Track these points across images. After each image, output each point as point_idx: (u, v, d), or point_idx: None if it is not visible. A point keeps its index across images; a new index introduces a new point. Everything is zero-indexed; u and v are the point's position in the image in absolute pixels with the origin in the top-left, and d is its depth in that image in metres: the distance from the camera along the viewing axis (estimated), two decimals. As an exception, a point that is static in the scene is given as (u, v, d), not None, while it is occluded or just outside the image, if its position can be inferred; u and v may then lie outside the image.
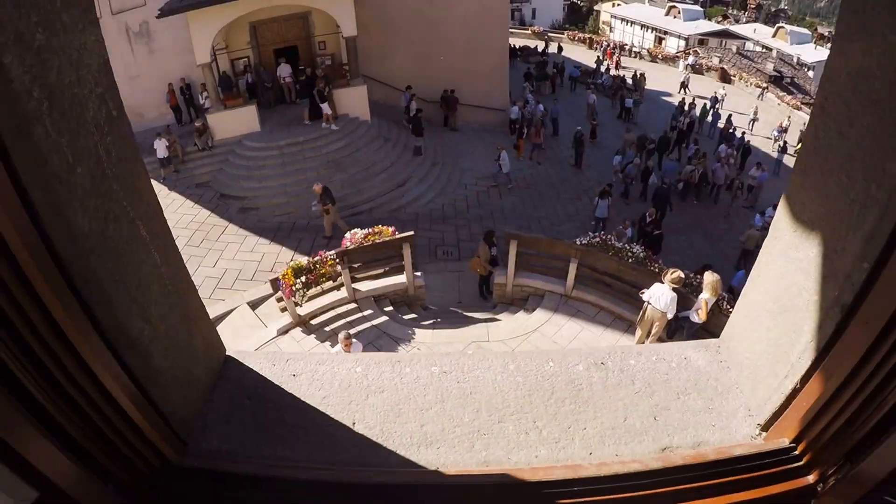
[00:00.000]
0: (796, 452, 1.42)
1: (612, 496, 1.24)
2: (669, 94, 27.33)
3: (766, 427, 1.59)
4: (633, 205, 15.99)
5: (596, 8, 54.00)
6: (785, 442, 1.45)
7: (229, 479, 1.31)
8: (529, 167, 18.11)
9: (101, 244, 1.11)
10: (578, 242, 9.65)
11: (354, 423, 1.49)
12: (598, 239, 9.88)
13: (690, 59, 33.30)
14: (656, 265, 8.99)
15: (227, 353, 1.73)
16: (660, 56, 35.79)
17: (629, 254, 9.25)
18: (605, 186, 14.71)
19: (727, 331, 1.82)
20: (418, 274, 9.92)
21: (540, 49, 32.89)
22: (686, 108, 22.58)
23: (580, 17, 55.29)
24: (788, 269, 1.43)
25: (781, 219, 1.45)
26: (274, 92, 16.98)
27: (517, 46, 31.12)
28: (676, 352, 1.82)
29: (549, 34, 38.66)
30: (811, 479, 1.40)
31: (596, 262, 9.41)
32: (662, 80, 29.47)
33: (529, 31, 39.16)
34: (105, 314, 1.12)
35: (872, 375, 1.18)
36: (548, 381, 1.62)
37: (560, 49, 33.90)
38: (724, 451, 1.43)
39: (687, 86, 28.12)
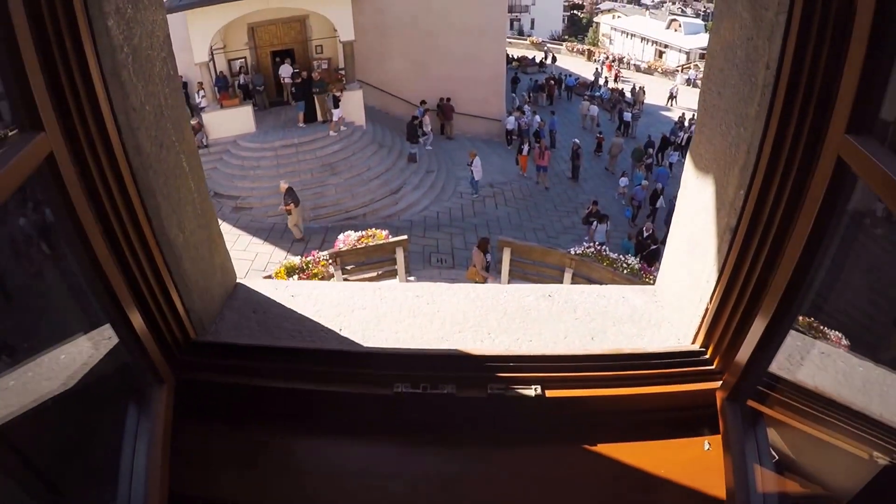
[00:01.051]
0: (707, 356, 1.76)
1: (542, 374, 1.63)
2: (668, 109, 28.02)
3: (690, 350, 1.96)
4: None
5: (596, 20, 55.07)
6: (696, 347, 1.81)
7: (240, 349, 1.72)
8: (526, 178, 18.57)
9: (156, 164, 1.52)
10: (573, 252, 10.04)
11: (341, 329, 1.88)
12: (592, 249, 10.29)
13: (691, 74, 34.10)
14: (651, 277, 9.37)
15: (238, 281, 2.13)
16: (659, 69, 36.63)
17: (624, 265, 9.64)
18: (591, 207, 14.88)
19: (659, 276, 2.22)
20: (412, 278, 10.25)
21: (538, 60, 33.63)
22: (686, 123, 23.17)
23: (580, 29, 56.34)
24: (696, 209, 1.84)
25: (688, 170, 1.87)
26: (268, 93, 17.45)
27: (515, 57, 31.83)
28: (616, 292, 2.22)
29: (549, 45, 39.48)
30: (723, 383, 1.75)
31: (591, 273, 9.69)
32: (663, 93, 30.21)
33: (528, 42, 40.01)
34: (154, 216, 1.53)
35: (747, 282, 1.57)
36: (501, 306, 2.03)
37: (554, 59, 34.69)
38: (639, 349, 1.82)
39: (675, 97, 28.90)
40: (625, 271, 9.51)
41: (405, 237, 10.10)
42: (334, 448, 1.60)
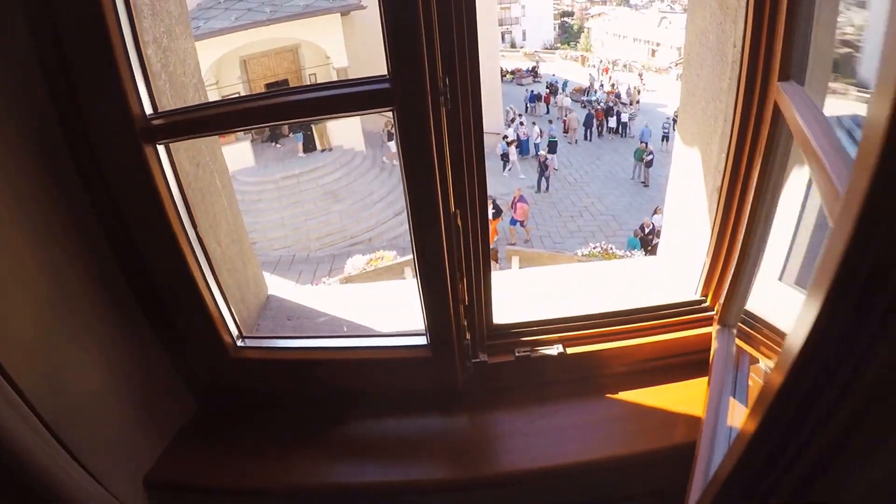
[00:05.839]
0: (707, 304, 1.92)
1: (563, 334, 1.80)
2: (665, 105, 28.34)
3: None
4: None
5: (587, 25, 55.80)
6: (697, 296, 1.98)
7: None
8: (529, 186, 18.81)
9: (195, 182, 1.73)
10: (580, 254, 10.28)
11: (375, 322, 2.09)
12: (598, 249, 10.50)
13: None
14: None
15: (269, 293, 2.33)
16: (653, 69, 37.19)
17: (632, 262, 9.82)
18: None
19: (660, 245, 2.41)
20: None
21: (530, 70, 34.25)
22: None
23: (572, 36, 57.10)
24: (686, 178, 2.03)
25: (678, 145, 2.07)
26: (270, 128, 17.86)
27: (508, 69, 32.42)
28: (622, 264, 2.44)
29: (540, 54, 40.11)
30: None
31: (599, 272, 9.93)
32: (659, 90, 30.64)
33: (521, 54, 40.66)
34: (195, 232, 1.73)
35: (735, 232, 1.74)
36: (546, 275, 2.25)
37: (535, 66, 35.34)
38: (648, 303, 1.96)
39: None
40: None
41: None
42: (382, 421, 1.78)
